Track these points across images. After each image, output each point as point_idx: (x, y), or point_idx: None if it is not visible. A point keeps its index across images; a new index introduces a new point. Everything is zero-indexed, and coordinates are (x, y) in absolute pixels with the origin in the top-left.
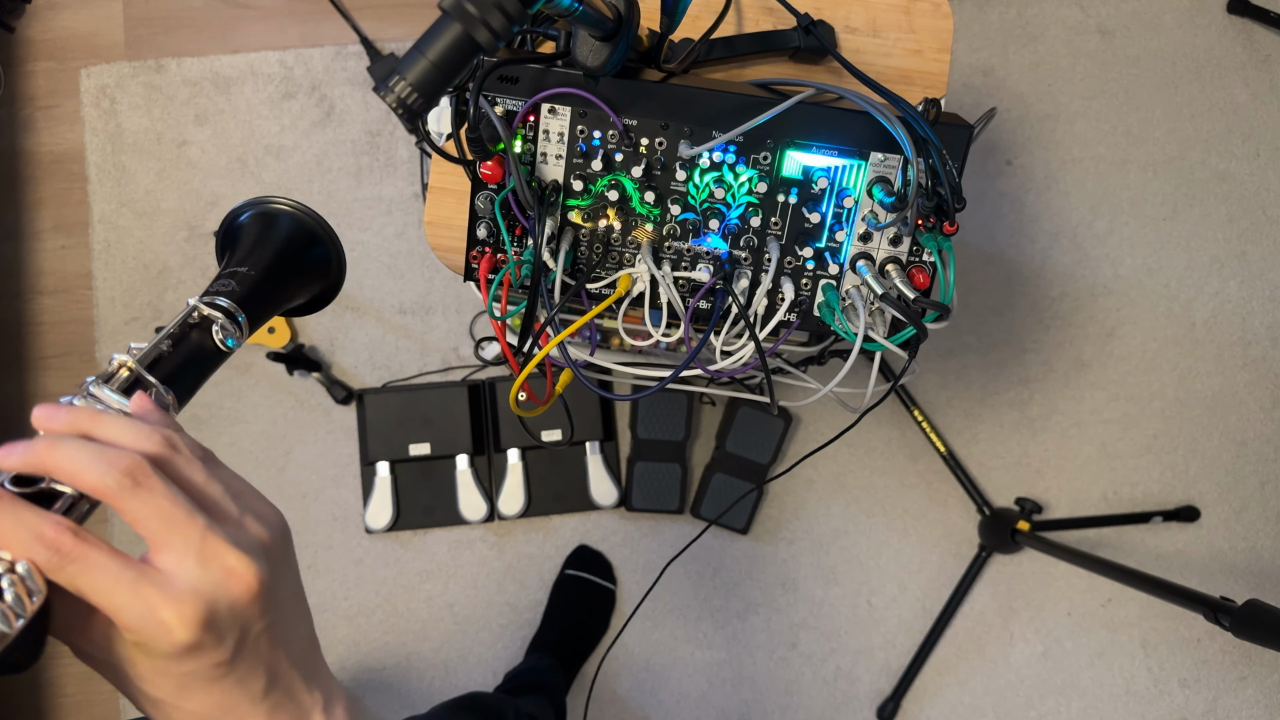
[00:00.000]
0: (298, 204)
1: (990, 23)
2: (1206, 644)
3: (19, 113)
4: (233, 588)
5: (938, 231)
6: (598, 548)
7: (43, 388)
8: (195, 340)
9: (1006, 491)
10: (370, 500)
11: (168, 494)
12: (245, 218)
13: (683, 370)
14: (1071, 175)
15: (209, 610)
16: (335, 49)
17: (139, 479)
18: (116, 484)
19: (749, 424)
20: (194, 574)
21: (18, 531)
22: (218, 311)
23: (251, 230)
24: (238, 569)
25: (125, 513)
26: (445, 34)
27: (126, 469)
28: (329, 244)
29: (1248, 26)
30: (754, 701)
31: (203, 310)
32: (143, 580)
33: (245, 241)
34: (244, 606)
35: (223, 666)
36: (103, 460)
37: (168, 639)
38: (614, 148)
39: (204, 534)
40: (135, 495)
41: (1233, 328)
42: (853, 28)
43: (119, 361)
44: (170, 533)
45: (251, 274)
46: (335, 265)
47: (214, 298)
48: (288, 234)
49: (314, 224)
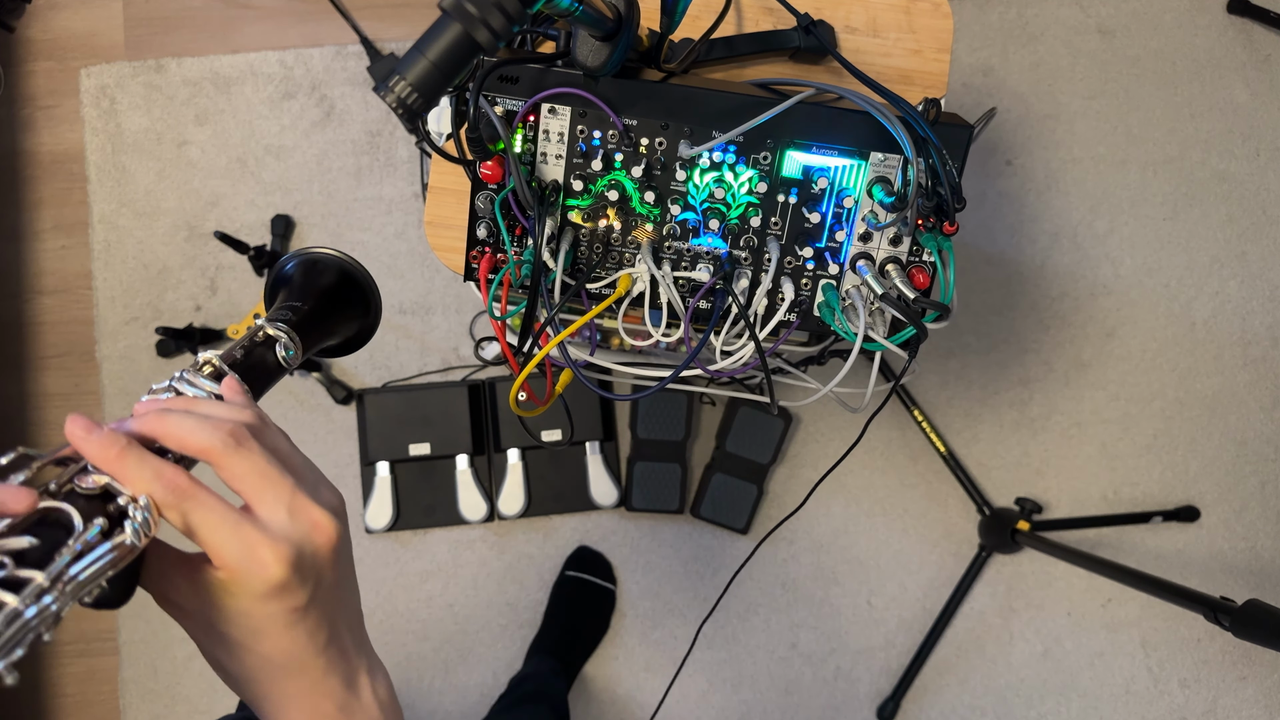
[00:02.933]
0: (344, 254)
1: (990, 23)
2: (1206, 644)
3: (19, 113)
4: (317, 538)
5: (938, 231)
6: (598, 548)
7: (43, 388)
8: (261, 354)
9: (1006, 491)
10: (370, 500)
11: (263, 454)
12: (293, 265)
13: (683, 370)
14: (1071, 175)
15: (298, 555)
16: (335, 49)
17: (240, 440)
18: (221, 443)
19: (749, 424)
20: (286, 523)
21: (142, 471)
22: (280, 332)
23: (305, 273)
24: (321, 522)
25: (226, 468)
26: (445, 34)
27: (230, 430)
28: (368, 289)
29: (1248, 26)
30: (754, 701)
31: (268, 330)
32: (245, 523)
33: (298, 281)
34: (324, 557)
35: (298, 611)
36: (208, 424)
37: (262, 576)
38: (614, 148)
39: (293, 491)
40: (237, 453)
41: (1233, 328)
42: (853, 28)
43: (204, 358)
44: (266, 487)
45: (305, 308)
46: (374, 306)
47: (275, 322)
48: (336, 277)
49: (358, 271)
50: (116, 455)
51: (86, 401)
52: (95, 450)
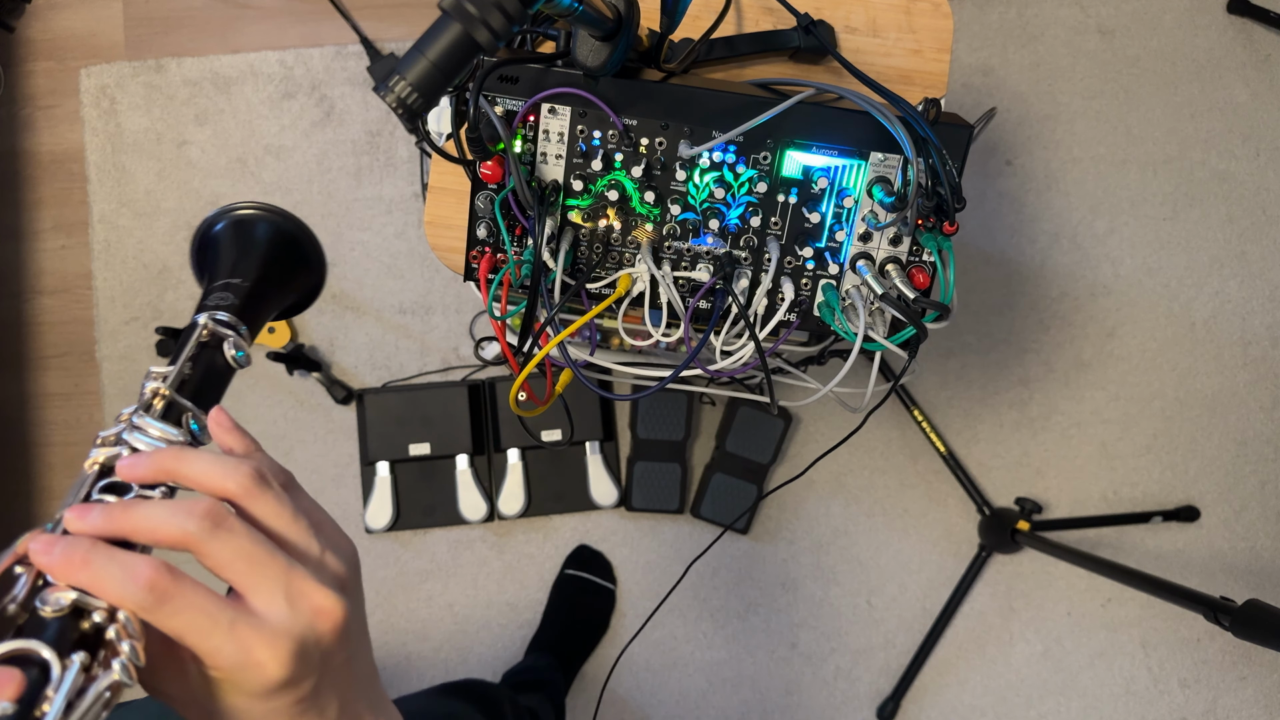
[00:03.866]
0: (268, 206)
1: (990, 23)
2: (1206, 644)
3: (19, 113)
4: (320, 625)
5: (938, 231)
6: (598, 548)
7: (43, 388)
8: (209, 358)
9: (1006, 491)
10: (370, 500)
11: (249, 535)
12: (220, 228)
13: (683, 370)
14: (1071, 175)
15: (300, 648)
16: (335, 49)
17: (218, 522)
18: (197, 529)
19: (749, 424)
20: (284, 614)
21: (111, 576)
22: (224, 327)
23: (231, 239)
24: (324, 606)
25: (208, 557)
26: (445, 34)
27: (205, 513)
28: (307, 242)
29: (1248, 26)
30: (754, 701)
31: (210, 327)
32: (239, 621)
33: (228, 252)
34: (329, 643)
35: (305, 701)
36: (180, 510)
37: (261, 677)
38: (614, 148)
39: (289, 573)
40: (216, 538)
41: (1233, 328)
42: (853, 28)
43: (152, 389)
44: (256, 574)
45: (245, 284)
46: (316, 261)
47: (214, 312)
48: (268, 238)
49: (290, 225)
50: (81, 563)
51: (86, 401)
52: (60, 567)
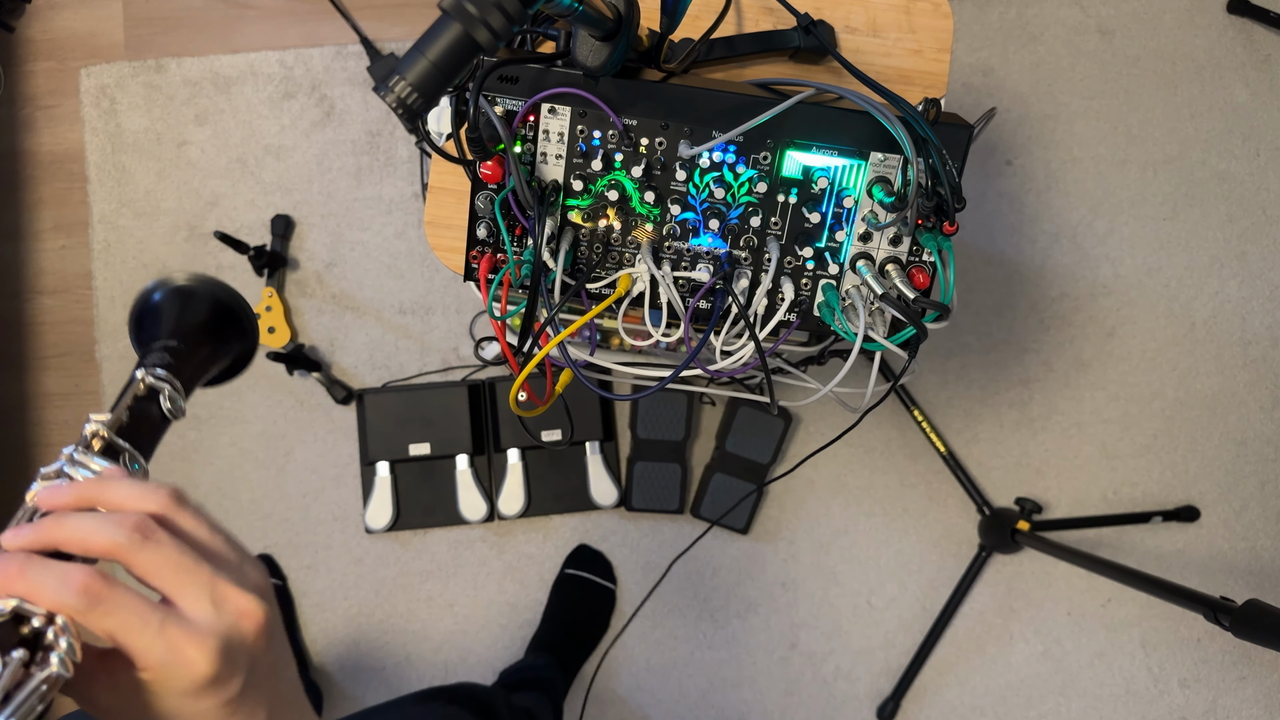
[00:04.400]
0: (205, 278)
1: (990, 23)
2: (1206, 644)
3: (19, 113)
4: (244, 625)
5: (938, 231)
6: (598, 548)
7: (43, 388)
8: (145, 408)
9: (1006, 491)
10: (370, 500)
11: (174, 545)
12: (159, 297)
13: (683, 370)
14: (1071, 175)
15: (226, 646)
16: (335, 49)
17: (147, 533)
18: (127, 540)
19: (749, 424)
20: (210, 615)
21: (47, 582)
22: (160, 381)
23: (170, 307)
24: (248, 608)
25: (137, 566)
26: (445, 34)
27: (134, 525)
28: (241, 313)
29: (1248, 26)
30: (754, 701)
31: (148, 381)
32: (168, 621)
33: (166, 318)
34: (254, 642)
35: (233, 703)
36: (110, 521)
37: (189, 674)
38: (614, 148)
39: (213, 579)
40: (146, 548)
41: (1233, 328)
42: (853, 28)
43: (92, 430)
44: (183, 580)
45: (181, 347)
46: (249, 331)
47: (153, 369)
48: (204, 307)
49: (225, 296)
50: (17, 573)
51: (86, 402)
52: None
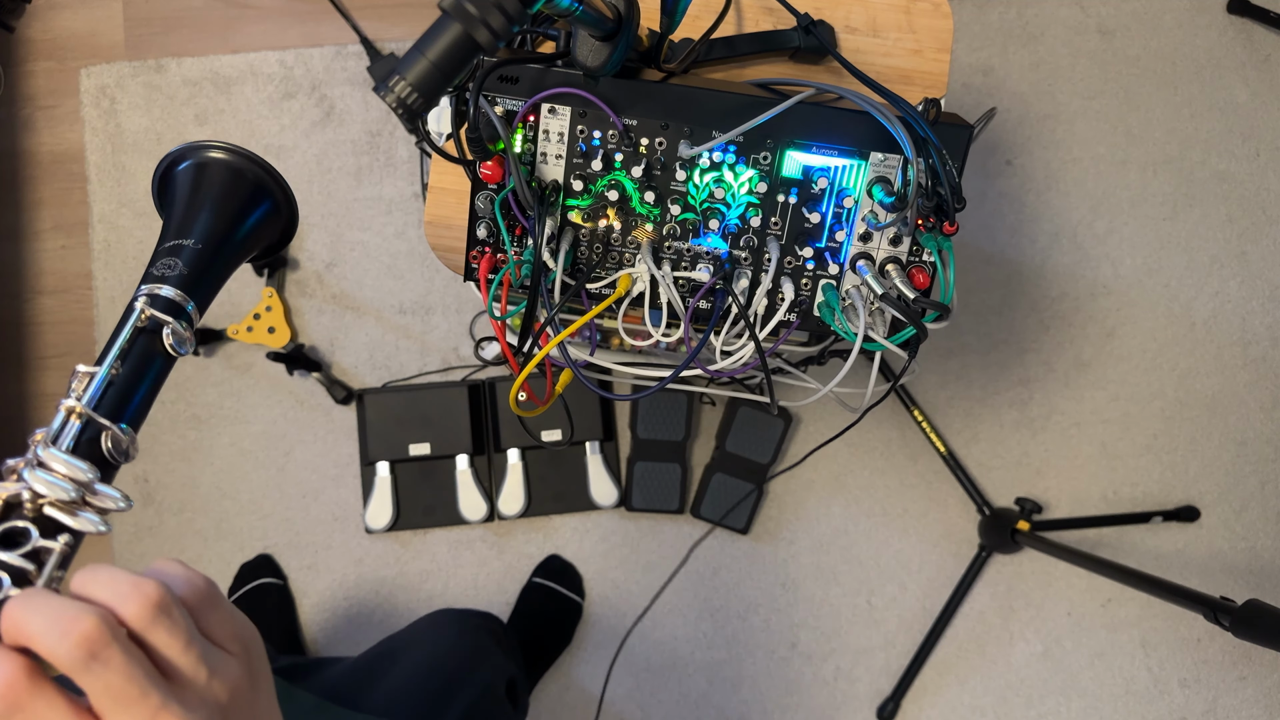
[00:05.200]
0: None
1: (990, 23)
2: (1206, 644)
3: (19, 113)
4: None
5: (938, 231)
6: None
7: (43, 388)
8: (145, 350)
9: (1006, 491)
10: (370, 500)
11: (124, 669)
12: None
13: (683, 370)
14: (1071, 175)
15: None
16: (335, 49)
17: (94, 651)
18: (68, 656)
19: (749, 424)
20: None
21: None
22: (166, 314)
23: (187, 188)
24: None
25: (78, 681)
26: (445, 34)
27: (81, 639)
28: (274, 189)
29: (1248, 26)
30: (754, 701)
31: (149, 310)
32: None
33: (181, 204)
34: None
35: None
36: (60, 625)
37: None
38: (614, 148)
39: (156, 713)
40: (89, 670)
41: (1233, 328)
42: (853, 28)
43: (67, 408)
44: (121, 712)
45: (197, 247)
46: (286, 211)
47: (157, 287)
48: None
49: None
50: None
51: None
52: None
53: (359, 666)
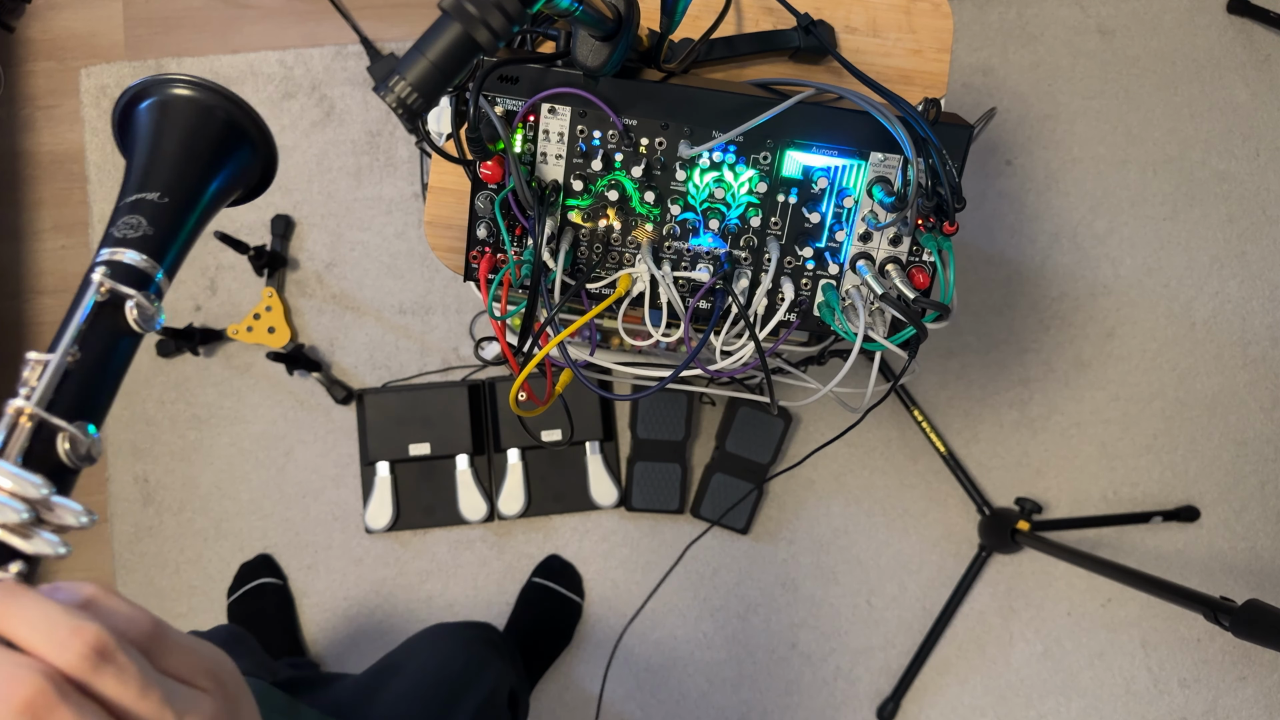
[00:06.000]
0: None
1: (990, 23)
2: (1206, 644)
3: (19, 113)
4: None
5: (938, 231)
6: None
7: None
8: (107, 330)
9: (1006, 491)
10: (370, 500)
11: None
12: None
13: (683, 370)
14: (1071, 175)
15: None
16: (335, 49)
17: (40, 713)
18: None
19: (749, 424)
20: None
21: None
22: (129, 287)
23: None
24: None
25: None
26: (445, 34)
27: (25, 705)
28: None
29: (1248, 26)
30: (754, 701)
31: (108, 284)
32: None
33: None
34: None
35: None
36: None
37: None
38: (614, 148)
39: None
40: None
41: (1233, 328)
42: (853, 28)
43: (14, 408)
44: None
45: (164, 200)
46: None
47: (118, 252)
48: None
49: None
50: None
51: None
52: None
53: (361, 683)
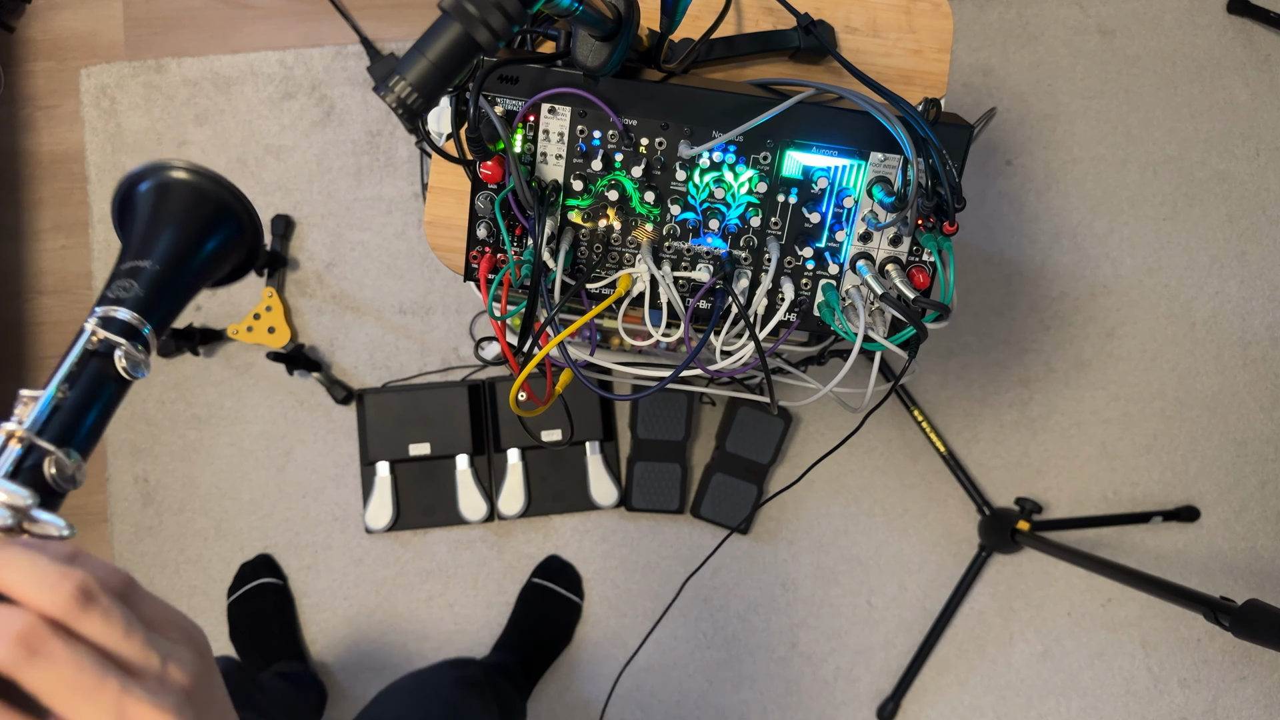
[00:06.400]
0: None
1: (990, 23)
2: (1206, 644)
3: (19, 113)
4: None
5: (938, 231)
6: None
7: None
8: (96, 373)
9: (1006, 491)
10: (370, 500)
11: (72, 659)
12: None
13: (683, 370)
14: (1071, 175)
15: None
16: (335, 49)
17: (35, 647)
18: (10, 656)
19: (749, 424)
20: None
21: None
22: (119, 337)
23: (147, 209)
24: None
25: (27, 684)
26: (445, 34)
27: (18, 638)
28: (239, 211)
29: (1248, 26)
30: (754, 701)
31: (101, 333)
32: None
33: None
34: None
35: None
36: None
37: None
38: (614, 148)
39: (120, 699)
40: (34, 665)
41: (1233, 328)
42: (853, 28)
43: (7, 431)
44: (82, 704)
45: (155, 268)
46: (250, 234)
47: (112, 310)
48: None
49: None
50: None
51: None
52: None
53: None
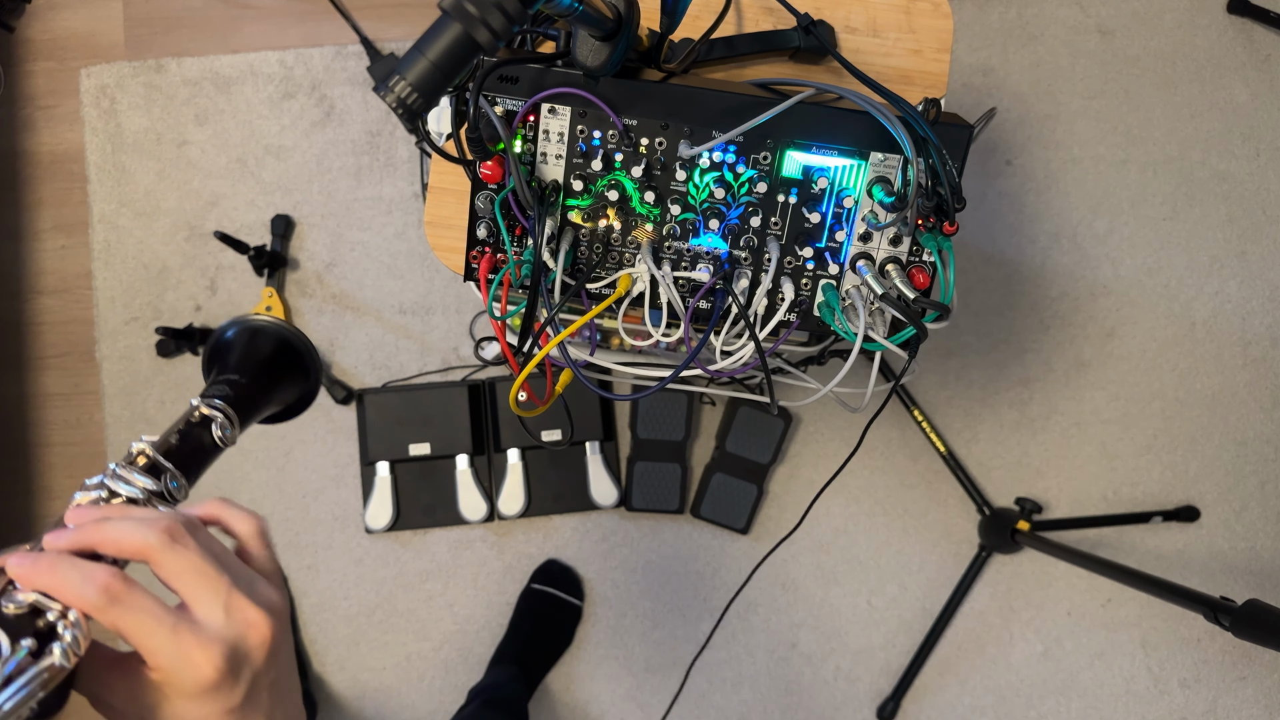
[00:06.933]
0: (278, 322)
1: (990, 23)
2: (1206, 644)
3: (19, 113)
4: (251, 637)
5: (938, 231)
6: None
7: (43, 388)
8: (197, 435)
9: (1006, 491)
10: (370, 500)
11: (199, 551)
12: (232, 334)
13: (683, 370)
14: (1071, 175)
15: (231, 654)
16: (335, 49)
17: (176, 536)
18: (158, 541)
19: (749, 424)
20: (221, 622)
21: (74, 578)
22: (216, 411)
23: (244, 344)
24: (256, 621)
25: (162, 566)
26: (445, 34)
27: (165, 527)
28: (308, 357)
29: (1248, 26)
30: (754, 701)
31: (203, 409)
32: (180, 624)
33: (236, 352)
34: (258, 655)
35: (233, 713)
36: (143, 524)
37: (194, 677)
38: (614, 148)
39: (230, 589)
40: (172, 550)
41: (1233, 328)
42: (853, 28)
43: (138, 449)
44: (202, 585)
45: (243, 381)
46: (314, 373)
47: (211, 400)
48: (274, 347)
49: (297, 340)
50: (47, 569)
51: (86, 402)
52: (28, 574)
53: None
